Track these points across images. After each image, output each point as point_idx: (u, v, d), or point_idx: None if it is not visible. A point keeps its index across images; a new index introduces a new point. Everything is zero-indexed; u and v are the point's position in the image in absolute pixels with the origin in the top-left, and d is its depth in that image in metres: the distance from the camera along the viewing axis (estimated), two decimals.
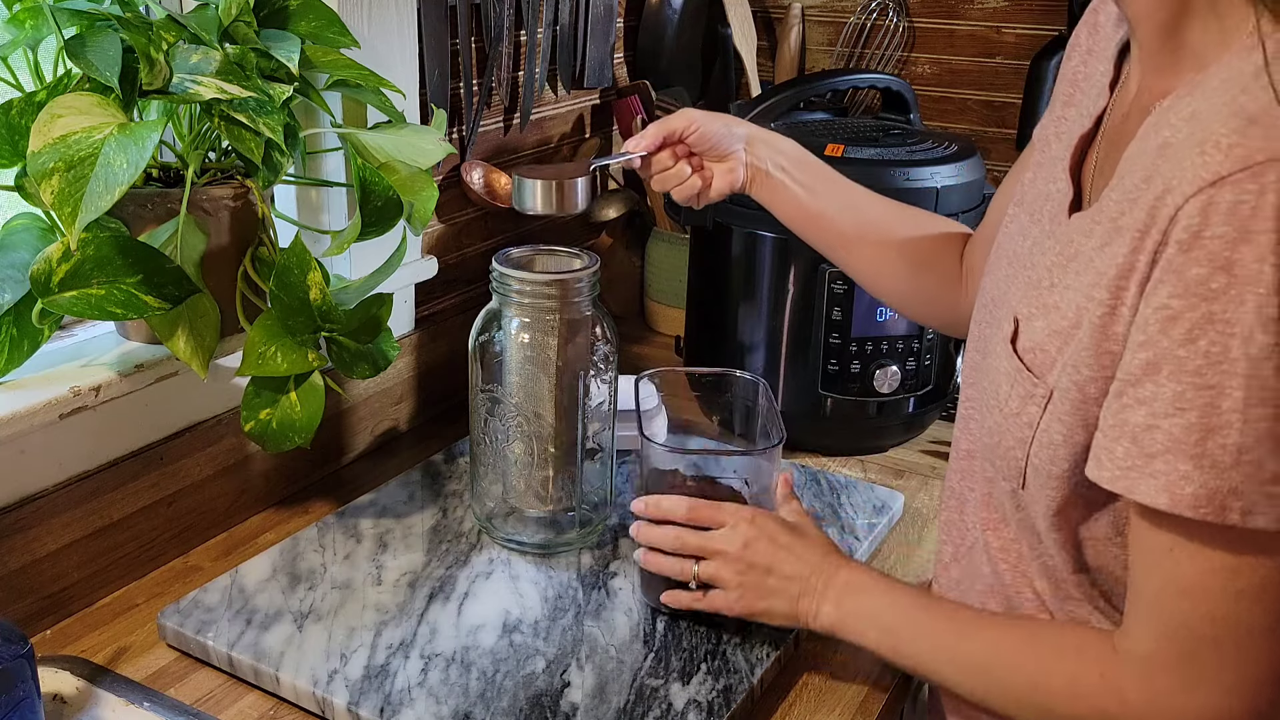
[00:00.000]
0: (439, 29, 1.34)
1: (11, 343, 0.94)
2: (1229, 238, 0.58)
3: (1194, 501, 0.60)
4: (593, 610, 1.03)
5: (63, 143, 0.83)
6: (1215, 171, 0.59)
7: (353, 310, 1.07)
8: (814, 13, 1.86)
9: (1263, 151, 0.58)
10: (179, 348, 0.98)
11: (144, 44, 0.89)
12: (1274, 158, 0.58)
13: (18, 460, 0.97)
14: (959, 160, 1.30)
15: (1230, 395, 0.59)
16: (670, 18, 1.77)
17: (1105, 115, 0.80)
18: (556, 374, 1.06)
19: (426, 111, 1.34)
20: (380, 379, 1.35)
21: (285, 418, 1.04)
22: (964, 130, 1.78)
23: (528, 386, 1.06)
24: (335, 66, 1.07)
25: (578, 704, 0.91)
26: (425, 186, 1.13)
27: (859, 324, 1.30)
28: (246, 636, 0.97)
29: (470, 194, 1.44)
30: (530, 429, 1.08)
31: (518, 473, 1.10)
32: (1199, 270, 0.59)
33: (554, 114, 1.62)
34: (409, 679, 0.93)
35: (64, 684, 0.92)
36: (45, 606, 1.01)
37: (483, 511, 1.14)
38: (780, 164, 1.05)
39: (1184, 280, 0.60)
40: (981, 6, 1.74)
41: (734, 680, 0.94)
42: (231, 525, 1.19)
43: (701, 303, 1.46)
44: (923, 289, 1.07)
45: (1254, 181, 0.58)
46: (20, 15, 0.94)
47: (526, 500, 1.11)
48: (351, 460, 1.34)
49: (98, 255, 0.90)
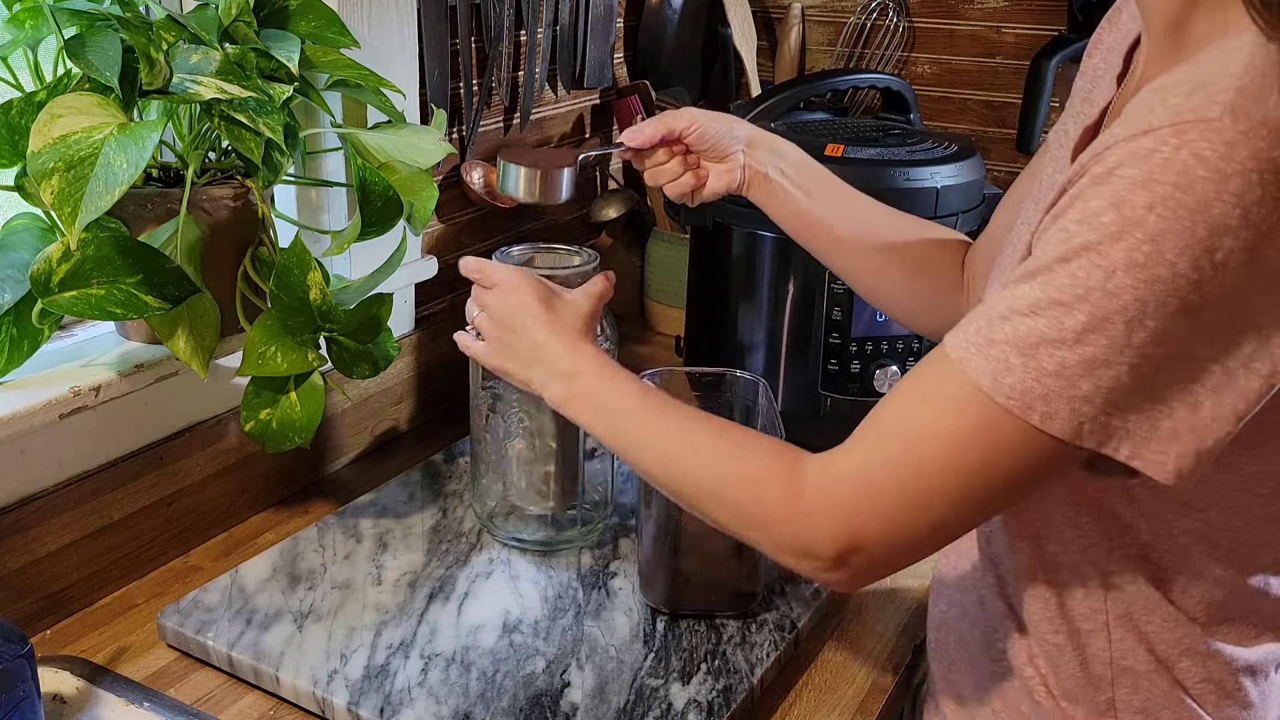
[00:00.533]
0: (439, 29, 1.34)
1: (11, 343, 0.94)
2: (1133, 180, 0.61)
3: (1008, 392, 0.65)
4: (593, 610, 1.03)
5: (63, 143, 0.83)
6: (1149, 124, 0.62)
7: (353, 310, 1.07)
8: (814, 13, 1.86)
9: (1193, 112, 0.61)
10: (179, 348, 0.98)
11: (144, 44, 0.89)
12: (1202, 119, 0.60)
13: (18, 460, 0.98)
14: (959, 160, 1.30)
15: (1075, 317, 0.63)
16: (670, 18, 1.77)
17: (1111, 106, 0.80)
18: None
19: (426, 111, 1.34)
20: (380, 379, 1.35)
21: (285, 418, 1.04)
22: (964, 130, 1.78)
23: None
24: (335, 66, 1.07)
25: (578, 704, 0.91)
26: (425, 186, 1.13)
27: (859, 324, 1.30)
28: (246, 636, 0.97)
29: (470, 194, 1.44)
30: (531, 426, 1.08)
31: (519, 470, 1.10)
32: (1098, 203, 0.63)
33: (554, 114, 1.62)
34: (409, 679, 0.93)
35: (64, 684, 0.92)
36: (45, 606, 1.01)
37: (483, 510, 1.14)
38: (780, 168, 1.05)
39: (1085, 209, 0.63)
40: (981, 6, 1.74)
41: (734, 680, 0.95)
42: (231, 525, 1.19)
43: (701, 303, 1.46)
44: (920, 296, 1.07)
45: (1176, 137, 0.60)
46: (20, 15, 0.94)
47: (527, 498, 1.11)
48: (352, 460, 1.34)
49: (98, 255, 0.90)
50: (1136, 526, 0.76)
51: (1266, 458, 0.71)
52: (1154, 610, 0.77)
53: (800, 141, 1.08)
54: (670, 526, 1.02)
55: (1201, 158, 0.60)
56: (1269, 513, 0.74)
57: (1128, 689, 0.79)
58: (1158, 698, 0.79)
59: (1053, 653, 0.81)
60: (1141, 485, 0.73)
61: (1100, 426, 0.64)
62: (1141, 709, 0.79)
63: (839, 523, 0.71)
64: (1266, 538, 0.76)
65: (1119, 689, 0.79)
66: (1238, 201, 0.59)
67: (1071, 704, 0.81)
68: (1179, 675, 0.78)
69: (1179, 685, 0.79)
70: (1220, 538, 0.75)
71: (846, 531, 0.71)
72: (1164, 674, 0.78)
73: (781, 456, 0.76)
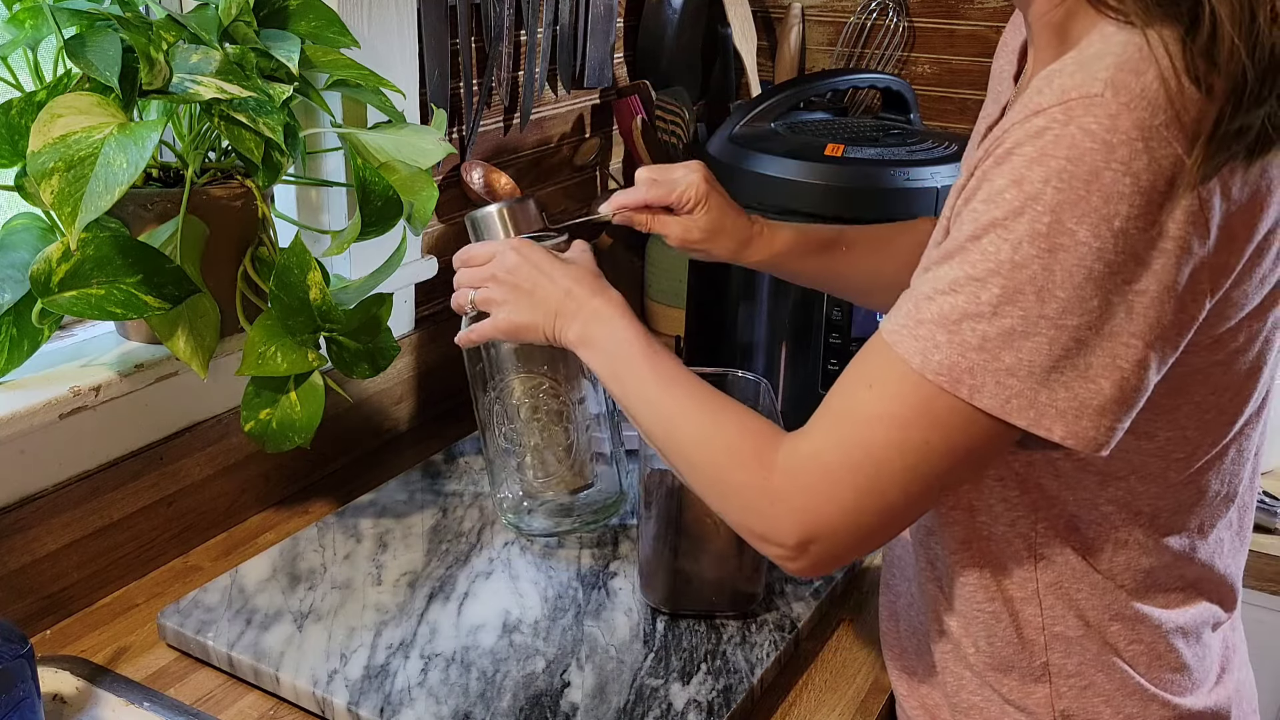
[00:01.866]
0: (439, 29, 1.34)
1: (11, 343, 0.94)
2: (1029, 157, 0.65)
3: (937, 368, 0.68)
4: (593, 610, 1.03)
5: (63, 143, 0.83)
6: (1039, 104, 0.65)
7: (353, 310, 1.07)
8: (814, 13, 1.86)
9: (1078, 90, 0.64)
10: (179, 348, 0.98)
11: (144, 44, 0.89)
12: (1086, 95, 0.64)
13: (18, 460, 0.98)
14: (959, 160, 1.30)
15: (989, 290, 0.66)
16: (670, 18, 1.77)
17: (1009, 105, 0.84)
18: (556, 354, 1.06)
19: (426, 111, 1.34)
20: (380, 379, 1.35)
21: (285, 418, 1.04)
22: (964, 130, 1.77)
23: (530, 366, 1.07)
24: (335, 66, 1.07)
25: (578, 704, 0.91)
26: (425, 186, 1.13)
27: (859, 324, 1.30)
28: (246, 636, 0.97)
29: (470, 194, 1.44)
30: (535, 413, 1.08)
31: (529, 460, 1.10)
32: (1001, 182, 0.66)
33: (554, 114, 1.62)
34: (409, 679, 0.93)
35: (64, 684, 0.92)
36: (45, 606, 1.01)
37: (506, 502, 1.13)
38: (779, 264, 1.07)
39: (990, 189, 0.66)
40: (981, 6, 1.74)
41: (734, 680, 0.95)
42: (231, 525, 1.19)
43: (701, 303, 1.46)
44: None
45: (1064, 114, 0.64)
46: (20, 15, 0.94)
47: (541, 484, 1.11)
48: (351, 460, 1.34)
49: (98, 255, 0.90)
50: (1063, 499, 0.78)
51: (1180, 422, 0.74)
52: (1082, 579, 0.80)
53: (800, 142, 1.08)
54: (670, 526, 1.02)
55: (1088, 130, 0.63)
56: (1184, 477, 0.77)
57: (1060, 653, 0.81)
58: (1089, 661, 0.81)
59: (989, 621, 0.83)
60: (1066, 459, 0.76)
61: (1028, 403, 0.67)
62: (1075, 673, 0.82)
63: (799, 510, 0.74)
64: (1185, 502, 0.78)
65: (1052, 653, 0.82)
66: (1126, 169, 0.62)
67: (1006, 674, 0.83)
68: (1110, 639, 0.81)
69: (1111, 648, 0.81)
70: (1142, 505, 0.78)
71: (806, 519, 0.73)
72: (1095, 638, 0.81)
73: (762, 435, 0.78)
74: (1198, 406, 0.74)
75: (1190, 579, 0.82)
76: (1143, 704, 0.81)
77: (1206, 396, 0.74)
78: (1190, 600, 0.82)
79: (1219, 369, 0.73)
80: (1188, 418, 0.74)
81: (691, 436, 0.81)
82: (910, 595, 0.92)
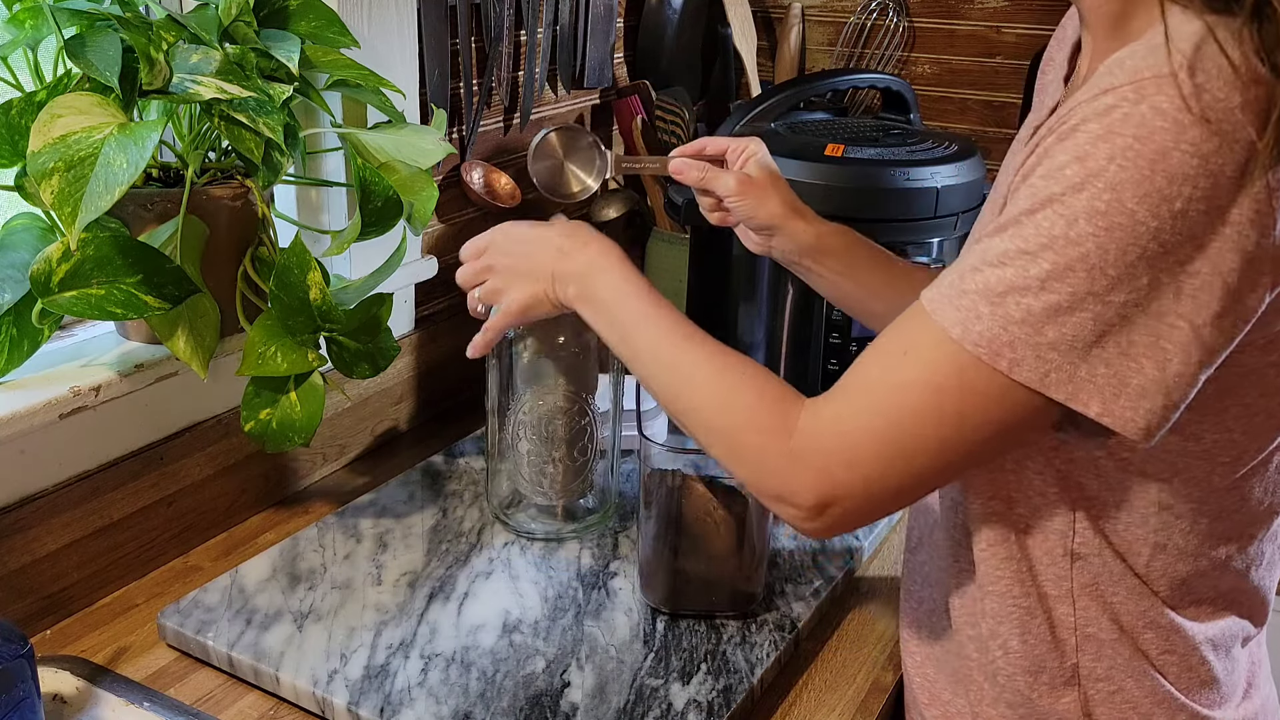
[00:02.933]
0: (439, 29, 1.34)
1: (11, 343, 0.94)
2: (1094, 134, 0.64)
3: (977, 339, 0.67)
4: (593, 610, 1.03)
5: (63, 143, 0.83)
6: (1109, 84, 0.65)
7: (353, 310, 1.07)
8: (814, 13, 1.86)
9: (1151, 70, 0.63)
10: (179, 348, 0.98)
11: (144, 44, 0.89)
12: (1159, 75, 0.63)
13: (18, 460, 0.98)
14: (959, 160, 1.30)
15: (1039, 265, 0.65)
16: (670, 18, 1.77)
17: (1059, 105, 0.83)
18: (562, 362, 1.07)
19: (426, 111, 1.34)
20: (380, 379, 1.35)
21: (285, 418, 1.04)
22: (964, 130, 1.78)
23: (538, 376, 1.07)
24: (335, 66, 1.07)
25: (578, 704, 0.91)
26: (425, 186, 1.13)
27: (859, 324, 1.30)
28: (246, 636, 0.97)
29: (470, 194, 1.44)
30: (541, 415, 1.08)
31: (529, 461, 1.11)
32: (1063, 158, 0.65)
33: (554, 114, 1.62)
34: (409, 679, 0.93)
35: (64, 684, 0.92)
36: (45, 606, 1.01)
37: (496, 501, 1.14)
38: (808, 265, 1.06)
39: (1051, 164, 0.66)
40: (981, 6, 1.74)
41: (734, 680, 0.94)
42: (231, 525, 1.19)
43: (701, 303, 1.46)
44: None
45: (1135, 92, 0.63)
46: (20, 15, 0.94)
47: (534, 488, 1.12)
48: (351, 460, 1.34)
49: (98, 255, 0.90)
50: (1103, 499, 0.77)
51: (1227, 424, 0.73)
52: (1118, 581, 0.79)
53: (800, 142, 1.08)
54: (670, 526, 1.02)
55: (1160, 110, 0.62)
56: (1228, 483, 0.76)
57: (1091, 656, 0.81)
58: (1120, 666, 0.80)
59: (1023, 617, 0.82)
60: (1109, 458, 0.75)
61: (1067, 377, 0.66)
62: (1105, 677, 0.81)
63: (819, 472, 0.73)
64: (1227, 508, 0.77)
65: (1083, 655, 0.81)
66: (1195, 150, 0.62)
67: (1036, 676, 0.82)
68: (1142, 646, 0.80)
69: (1143, 655, 0.80)
70: (1183, 509, 0.77)
71: (826, 481, 0.73)
72: (1127, 643, 0.80)
73: (783, 398, 0.78)
74: (1247, 409, 0.73)
75: (1224, 590, 0.81)
76: (1170, 714, 0.81)
77: (1256, 399, 0.72)
78: (1222, 613, 0.81)
79: (1273, 370, 0.71)
80: (1235, 420, 0.73)
81: (707, 399, 0.80)
82: (934, 601, 0.91)
